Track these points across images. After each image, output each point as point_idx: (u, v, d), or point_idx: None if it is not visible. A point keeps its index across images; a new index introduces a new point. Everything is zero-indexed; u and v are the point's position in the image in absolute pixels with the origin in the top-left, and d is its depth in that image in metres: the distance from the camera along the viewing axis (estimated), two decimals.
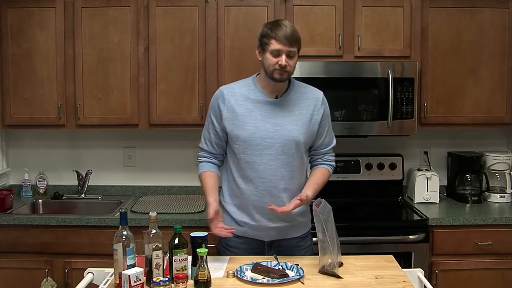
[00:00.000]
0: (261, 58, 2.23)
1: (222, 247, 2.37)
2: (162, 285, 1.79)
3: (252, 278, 1.96)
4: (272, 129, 2.23)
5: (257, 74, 2.32)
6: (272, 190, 2.23)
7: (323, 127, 2.33)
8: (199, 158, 2.38)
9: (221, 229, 2.15)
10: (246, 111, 2.25)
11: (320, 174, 2.34)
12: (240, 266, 2.04)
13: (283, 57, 2.15)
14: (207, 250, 1.88)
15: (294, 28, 2.20)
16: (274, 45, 2.15)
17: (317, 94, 2.34)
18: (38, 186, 3.40)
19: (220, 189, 2.37)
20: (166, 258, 1.93)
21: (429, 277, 2.84)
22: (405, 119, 3.06)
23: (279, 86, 2.27)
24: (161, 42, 3.10)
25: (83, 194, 3.39)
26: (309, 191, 2.22)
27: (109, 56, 3.11)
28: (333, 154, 2.42)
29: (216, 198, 2.25)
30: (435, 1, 3.10)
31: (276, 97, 2.28)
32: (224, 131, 2.28)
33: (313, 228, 2.36)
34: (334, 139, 2.41)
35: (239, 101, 2.26)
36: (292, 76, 2.28)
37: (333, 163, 2.41)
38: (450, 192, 3.40)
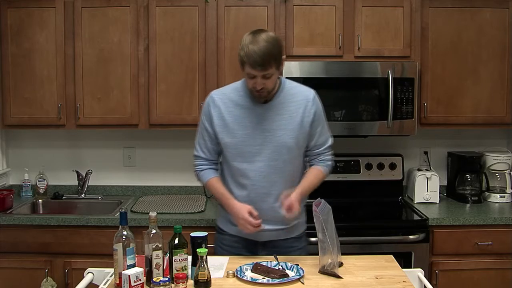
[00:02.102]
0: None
1: (217, 246, 2.38)
2: (162, 285, 1.79)
3: (252, 278, 1.96)
4: (262, 135, 2.20)
5: None
6: (263, 196, 2.21)
7: (315, 128, 2.28)
8: (199, 167, 2.35)
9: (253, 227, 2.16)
10: (235, 118, 2.22)
11: (312, 176, 2.30)
12: (240, 266, 2.04)
13: (258, 80, 2.10)
14: (207, 250, 1.88)
15: (269, 46, 2.07)
16: (248, 69, 2.10)
17: (307, 95, 2.27)
18: (38, 186, 3.40)
19: None
20: (166, 258, 1.93)
21: (429, 277, 2.84)
22: (405, 119, 3.06)
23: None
24: (161, 42, 3.10)
25: (83, 194, 3.39)
26: (296, 189, 2.18)
27: (109, 56, 3.11)
28: (330, 153, 2.37)
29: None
30: (435, 1, 3.10)
31: (265, 102, 2.24)
32: (218, 136, 2.26)
33: (309, 228, 2.38)
34: (330, 138, 2.36)
35: (229, 107, 2.24)
36: (291, 76, 2.26)
37: (330, 163, 2.36)
38: (450, 192, 3.40)
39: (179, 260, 1.90)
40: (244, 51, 2.09)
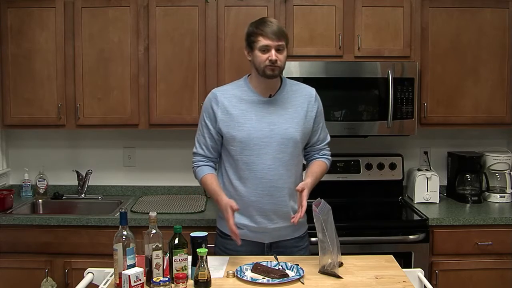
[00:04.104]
0: (250, 58, 2.24)
1: (219, 250, 2.35)
2: (162, 285, 1.79)
3: (252, 278, 1.96)
4: (268, 128, 2.22)
5: (249, 75, 2.32)
6: (271, 190, 2.22)
7: (317, 124, 2.34)
8: (196, 163, 2.35)
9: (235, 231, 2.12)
10: (241, 112, 2.24)
11: (318, 166, 2.34)
12: (240, 266, 2.04)
13: (273, 52, 2.16)
14: (207, 250, 1.88)
15: (280, 24, 2.22)
16: (262, 41, 2.16)
17: (310, 91, 2.35)
18: (38, 186, 3.40)
19: None
20: (166, 258, 1.93)
21: (429, 277, 2.84)
22: (405, 119, 3.06)
23: (272, 85, 2.27)
24: (161, 42, 3.10)
25: (83, 194, 3.39)
26: (308, 179, 2.22)
27: (109, 56, 3.11)
28: (329, 149, 2.43)
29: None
30: (435, 1, 3.10)
31: (270, 96, 2.28)
32: (220, 134, 2.27)
33: (309, 228, 2.38)
34: (328, 135, 2.43)
35: (233, 102, 2.26)
36: (291, 76, 2.28)
37: (330, 158, 2.42)
38: (450, 192, 3.40)
39: (179, 260, 1.90)
40: (255, 26, 2.20)
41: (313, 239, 2.51)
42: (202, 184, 2.33)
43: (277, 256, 2.13)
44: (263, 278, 1.96)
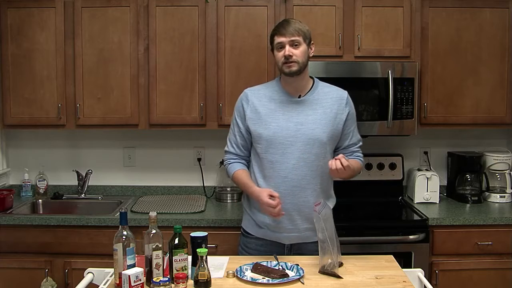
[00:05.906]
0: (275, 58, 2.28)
1: (241, 248, 2.39)
2: (162, 285, 1.79)
3: (252, 278, 1.96)
4: (294, 128, 2.23)
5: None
6: (294, 190, 2.22)
7: (348, 127, 2.33)
8: (227, 161, 2.40)
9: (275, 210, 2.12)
10: (269, 111, 2.27)
11: (353, 161, 2.32)
12: (240, 266, 2.04)
13: (286, 47, 2.18)
14: (207, 250, 1.88)
15: (298, 22, 2.25)
16: (277, 39, 2.22)
17: (341, 94, 2.34)
18: (38, 186, 3.40)
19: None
20: (166, 258, 1.93)
21: (429, 277, 2.84)
22: (405, 119, 3.06)
23: (301, 85, 2.29)
24: (161, 42, 3.10)
25: (83, 194, 3.39)
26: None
27: (109, 56, 3.11)
28: (361, 152, 2.42)
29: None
30: (435, 1, 3.10)
31: (299, 97, 2.29)
32: (248, 132, 2.30)
33: None
34: (361, 139, 2.43)
35: (263, 101, 2.30)
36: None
37: (363, 160, 2.42)
38: (450, 192, 3.40)
39: (179, 260, 1.90)
40: (274, 28, 2.28)
41: None
42: (234, 180, 2.38)
43: (277, 256, 2.14)
44: (263, 278, 1.96)
